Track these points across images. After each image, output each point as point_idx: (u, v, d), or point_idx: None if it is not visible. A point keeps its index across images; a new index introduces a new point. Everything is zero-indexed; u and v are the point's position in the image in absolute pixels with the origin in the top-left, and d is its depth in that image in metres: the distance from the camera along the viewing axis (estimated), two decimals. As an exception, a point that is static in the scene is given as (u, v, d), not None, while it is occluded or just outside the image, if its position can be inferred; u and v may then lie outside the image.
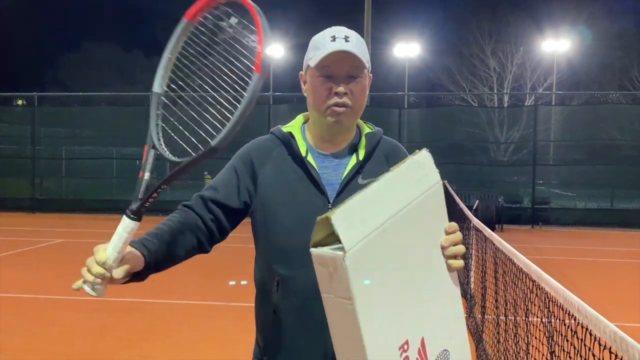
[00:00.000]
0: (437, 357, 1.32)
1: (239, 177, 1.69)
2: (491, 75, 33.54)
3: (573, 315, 1.91)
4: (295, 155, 1.67)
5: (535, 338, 2.74)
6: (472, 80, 33.81)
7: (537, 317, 2.59)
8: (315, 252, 1.20)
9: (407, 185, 1.30)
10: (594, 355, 1.74)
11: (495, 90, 33.19)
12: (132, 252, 1.45)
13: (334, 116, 1.62)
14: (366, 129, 1.76)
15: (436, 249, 1.34)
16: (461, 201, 9.02)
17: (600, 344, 1.65)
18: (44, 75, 44.41)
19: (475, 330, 5.45)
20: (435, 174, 1.37)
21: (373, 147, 1.72)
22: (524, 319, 3.08)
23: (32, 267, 8.88)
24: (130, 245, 1.46)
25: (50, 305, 6.62)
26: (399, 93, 22.83)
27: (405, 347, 1.24)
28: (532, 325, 2.88)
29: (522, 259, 2.98)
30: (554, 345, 2.27)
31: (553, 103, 24.41)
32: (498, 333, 4.22)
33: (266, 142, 1.73)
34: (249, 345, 1.77)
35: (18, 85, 34.22)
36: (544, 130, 17.22)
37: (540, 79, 33.12)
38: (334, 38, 1.60)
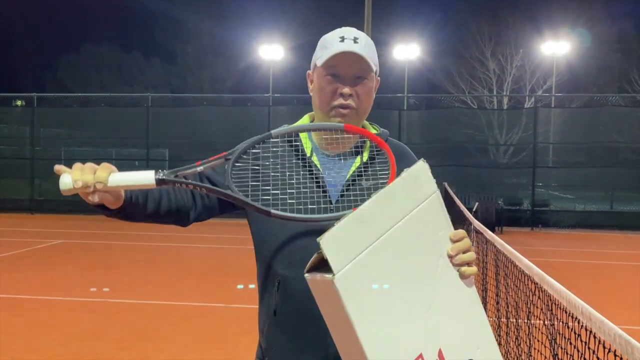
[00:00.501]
0: None
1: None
2: (491, 77, 33.54)
3: (577, 318, 1.89)
4: (300, 154, 1.65)
5: (538, 341, 2.72)
6: (472, 82, 33.81)
7: (540, 319, 2.58)
8: (309, 277, 1.20)
9: (401, 200, 1.29)
10: (598, 358, 1.72)
11: (495, 93, 33.20)
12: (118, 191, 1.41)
13: (338, 117, 1.60)
14: (371, 130, 1.74)
15: (443, 259, 1.33)
16: (461, 203, 9.01)
17: (604, 347, 1.63)
18: (44, 76, 44.40)
19: (476, 332, 5.42)
20: (431, 185, 1.35)
21: (378, 149, 1.69)
22: (525, 321, 3.06)
23: (30, 268, 8.85)
24: None
25: (49, 307, 6.60)
26: (399, 95, 22.78)
27: None
28: (534, 328, 2.86)
29: (524, 261, 2.97)
30: (557, 348, 2.25)
31: (552, 105, 24.45)
32: (499, 335, 4.20)
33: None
34: (247, 347, 1.76)
35: (17, 85, 34.22)
36: (544, 132, 17.22)
37: (539, 81, 33.13)
38: (342, 39, 1.59)
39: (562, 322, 2.13)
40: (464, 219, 7.20)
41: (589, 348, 1.80)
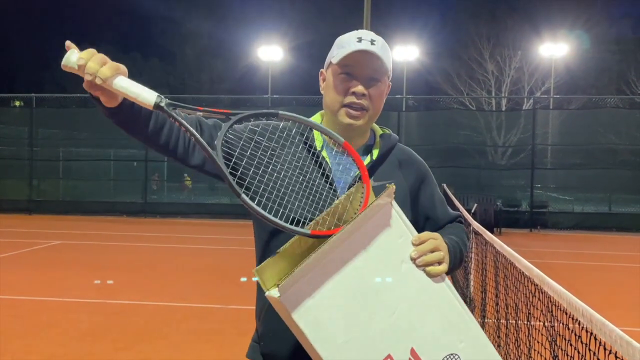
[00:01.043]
0: None
1: (251, 140, 1.63)
2: (489, 78, 33.56)
3: (577, 320, 1.89)
4: (311, 147, 1.66)
5: (538, 342, 2.72)
6: (471, 83, 33.83)
7: (540, 321, 2.57)
8: (267, 295, 1.27)
9: (355, 233, 1.34)
10: (598, 360, 1.72)
11: (494, 94, 33.23)
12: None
13: (348, 117, 1.61)
14: (380, 132, 1.77)
15: (406, 263, 1.37)
16: (460, 204, 9.01)
17: (605, 349, 1.63)
18: (42, 77, 44.33)
19: (474, 333, 5.42)
20: (383, 198, 1.39)
21: (388, 149, 1.72)
22: (525, 322, 3.06)
23: (29, 268, 8.84)
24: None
25: (47, 307, 6.58)
26: (398, 96, 22.79)
27: None
28: (534, 329, 2.86)
29: (523, 263, 2.96)
30: (557, 349, 2.25)
31: (551, 107, 24.45)
32: (499, 337, 4.20)
33: (289, 129, 1.71)
34: (245, 347, 1.76)
35: (16, 86, 34.20)
36: (542, 134, 17.24)
37: (538, 83, 33.16)
38: (360, 39, 1.60)
39: (563, 324, 2.13)
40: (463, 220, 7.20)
41: (589, 350, 1.80)
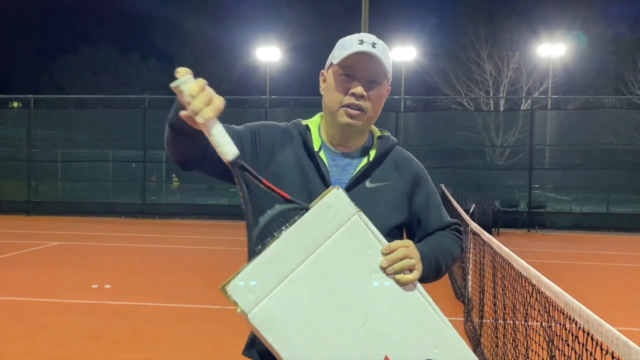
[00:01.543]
0: None
1: (255, 141, 1.69)
2: (487, 79, 33.59)
3: (574, 320, 1.90)
4: (308, 148, 1.69)
5: (535, 342, 2.73)
6: (469, 84, 33.85)
7: (537, 321, 2.58)
8: (239, 310, 1.29)
9: (315, 230, 1.34)
10: (595, 360, 1.72)
11: (492, 95, 33.25)
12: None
13: (347, 118, 1.63)
14: (378, 133, 1.78)
15: (376, 273, 1.37)
16: (458, 205, 9.02)
17: (602, 349, 1.64)
18: (40, 78, 44.26)
19: (473, 334, 5.44)
20: (348, 210, 1.38)
21: (385, 151, 1.73)
22: (523, 323, 3.07)
23: (27, 269, 8.83)
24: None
25: (46, 308, 6.58)
26: (396, 97, 22.78)
27: None
28: (531, 330, 2.87)
29: (521, 263, 2.97)
30: (554, 349, 2.26)
31: (549, 107, 24.45)
32: (496, 337, 4.21)
33: (289, 128, 1.75)
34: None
35: (14, 87, 34.12)
36: (540, 134, 17.25)
37: (536, 84, 33.19)
38: (361, 42, 1.62)
39: (560, 324, 2.14)
40: (461, 221, 7.21)
41: (586, 350, 1.80)
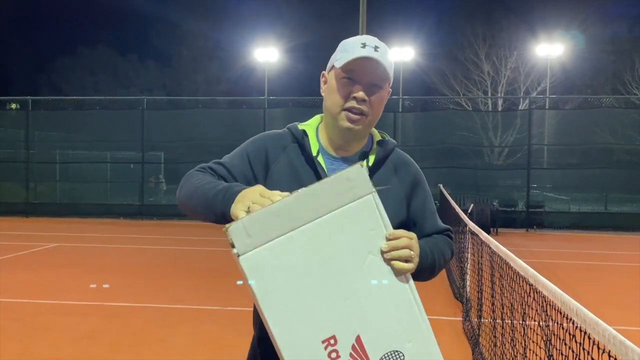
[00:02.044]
0: (383, 356, 1.37)
1: (250, 163, 1.70)
2: (485, 79, 33.63)
3: (571, 319, 1.91)
4: (306, 154, 1.69)
5: (533, 342, 2.73)
6: (467, 84, 33.88)
7: (535, 320, 2.59)
8: (234, 252, 1.31)
9: (327, 197, 1.36)
10: (592, 359, 1.73)
11: (490, 95, 33.28)
12: None
13: (348, 121, 1.63)
14: (378, 137, 1.78)
15: (373, 255, 1.39)
16: (456, 205, 9.02)
17: (599, 348, 1.64)
18: (38, 79, 44.21)
19: (472, 334, 5.44)
20: (366, 188, 1.40)
21: (384, 155, 1.73)
22: (521, 322, 3.07)
23: (25, 271, 8.82)
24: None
25: (44, 310, 6.57)
26: (394, 97, 22.79)
27: (332, 341, 1.33)
28: (529, 329, 2.87)
29: (519, 263, 2.98)
30: (552, 349, 2.26)
31: (547, 107, 24.47)
32: (495, 337, 4.21)
33: (282, 137, 1.75)
34: (244, 349, 1.76)
35: (12, 89, 34.10)
36: (538, 134, 17.26)
37: (534, 83, 33.23)
38: (364, 45, 1.63)
39: (557, 323, 2.14)
40: (459, 221, 7.22)
41: (583, 349, 1.81)
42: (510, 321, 3.50)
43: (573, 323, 1.88)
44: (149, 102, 19.06)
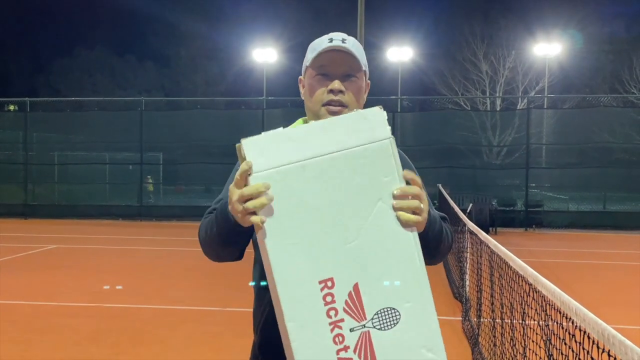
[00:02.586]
0: (379, 312, 1.31)
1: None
2: (483, 79, 33.66)
3: (570, 318, 1.91)
4: None
5: (533, 341, 2.73)
6: (465, 84, 33.91)
7: (534, 320, 2.59)
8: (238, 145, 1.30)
9: (342, 133, 1.33)
10: (592, 358, 1.73)
11: (488, 94, 33.31)
12: None
13: (329, 115, 1.63)
14: None
15: (383, 202, 1.33)
16: (455, 205, 9.03)
17: (598, 347, 1.65)
18: (36, 81, 44.18)
19: (471, 333, 5.44)
20: (384, 131, 1.35)
21: None
22: (520, 322, 3.07)
23: (24, 273, 8.81)
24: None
25: (44, 312, 6.57)
26: (392, 97, 22.84)
27: (329, 283, 1.28)
28: (529, 329, 2.88)
29: (518, 262, 2.98)
30: (552, 348, 2.26)
31: (545, 106, 24.53)
32: (494, 336, 4.21)
33: None
34: (243, 350, 1.76)
35: (10, 90, 34.06)
36: (537, 133, 17.28)
37: (532, 83, 33.27)
38: (331, 40, 1.64)
39: (557, 323, 2.14)
40: (458, 220, 7.22)
41: (583, 348, 1.81)
42: (509, 321, 3.50)
43: (572, 322, 1.88)
44: (148, 103, 19.06)
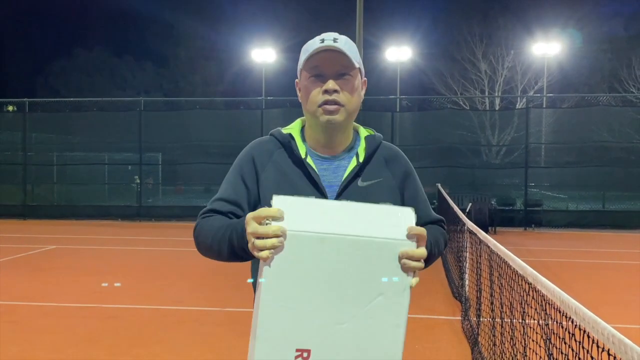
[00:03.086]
0: None
1: (244, 180, 1.70)
2: (482, 78, 33.67)
3: (570, 318, 1.90)
4: (294, 157, 1.68)
5: (533, 340, 2.73)
6: (464, 83, 33.93)
7: (534, 319, 2.59)
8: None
9: (371, 222, 1.35)
10: (592, 358, 1.73)
11: (487, 94, 33.32)
12: None
13: (326, 114, 1.63)
14: (365, 133, 1.78)
15: (383, 297, 1.35)
16: (454, 204, 9.03)
17: (598, 346, 1.64)
18: (35, 81, 44.14)
19: (471, 333, 5.44)
20: (402, 234, 1.36)
21: (373, 150, 1.73)
22: (520, 321, 3.07)
23: (23, 274, 8.80)
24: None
25: (43, 313, 6.56)
26: (391, 97, 22.86)
27: (305, 354, 1.31)
28: (528, 328, 2.87)
29: (517, 262, 2.98)
30: (552, 347, 2.26)
31: (544, 106, 24.55)
32: (494, 336, 4.21)
33: (267, 144, 1.75)
34: (243, 350, 1.75)
35: (8, 91, 34.05)
36: (536, 132, 17.28)
37: (531, 82, 33.29)
38: (322, 40, 1.63)
39: (556, 322, 2.14)
40: (458, 220, 7.22)
41: (583, 347, 1.81)
42: (509, 320, 3.50)
43: (572, 321, 1.88)
44: (146, 104, 19.03)
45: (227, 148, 15.86)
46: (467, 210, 13.34)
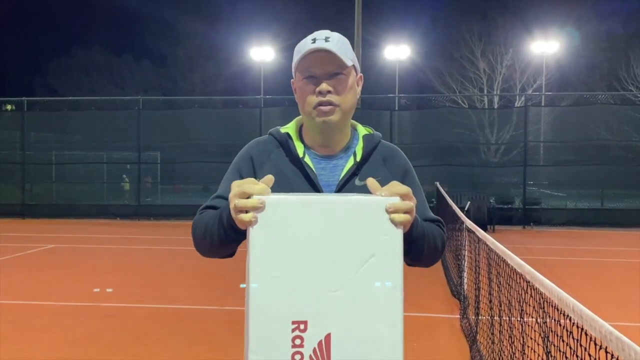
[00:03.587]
0: None
1: (242, 177, 1.69)
2: (481, 77, 33.68)
3: (568, 315, 1.91)
4: (292, 156, 1.68)
5: (531, 338, 2.74)
6: (463, 82, 33.94)
7: (532, 317, 2.59)
8: None
9: (354, 196, 1.35)
10: (590, 355, 1.73)
11: (486, 92, 33.34)
12: None
13: (321, 116, 1.62)
14: (363, 131, 1.77)
15: (375, 260, 1.30)
16: (453, 203, 9.04)
17: (596, 344, 1.65)
18: (34, 80, 44.08)
19: (470, 331, 5.45)
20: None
21: (371, 149, 1.72)
22: (518, 319, 3.08)
23: (22, 273, 8.80)
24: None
25: (41, 312, 6.56)
26: (390, 95, 22.85)
27: (302, 326, 1.27)
28: (527, 326, 2.88)
29: (516, 260, 2.98)
30: (550, 345, 2.26)
31: (543, 104, 24.54)
32: (492, 334, 4.22)
33: (265, 143, 1.75)
34: (241, 349, 1.75)
35: (7, 90, 33.98)
36: (534, 131, 17.30)
37: (529, 81, 33.31)
38: (314, 40, 1.62)
39: (555, 320, 2.15)
40: (456, 218, 7.23)
41: (580, 345, 1.81)
42: (507, 318, 3.51)
43: (570, 319, 1.88)
44: (145, 102, 19.02)
45: (225, 147, 15.85)
46: (466, 209, 13.34)
